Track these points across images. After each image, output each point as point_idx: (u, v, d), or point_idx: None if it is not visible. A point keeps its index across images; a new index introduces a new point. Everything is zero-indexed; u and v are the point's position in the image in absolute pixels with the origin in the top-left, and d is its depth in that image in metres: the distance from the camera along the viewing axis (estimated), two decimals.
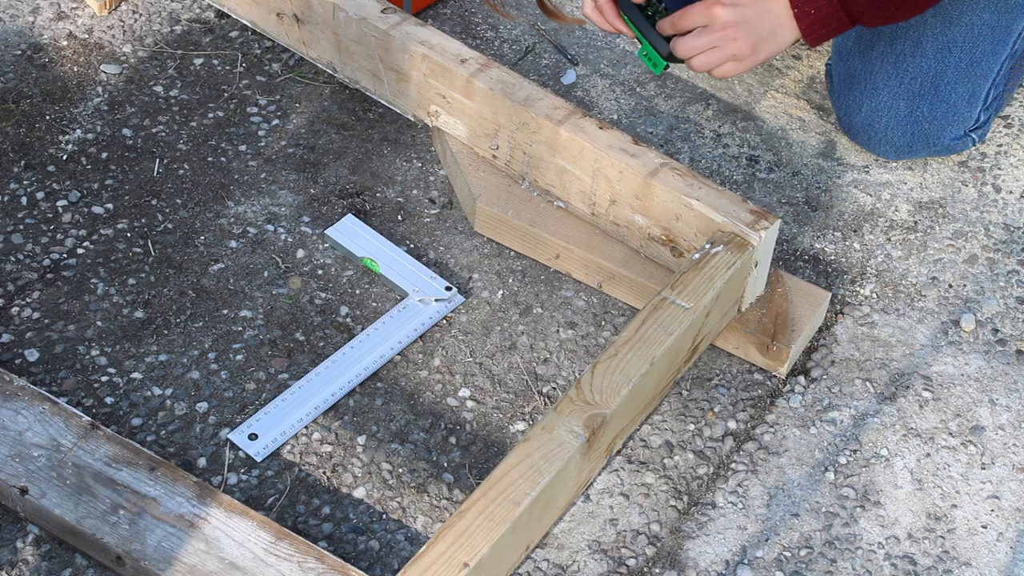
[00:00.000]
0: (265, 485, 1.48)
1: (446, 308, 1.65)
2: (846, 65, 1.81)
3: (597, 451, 1.45)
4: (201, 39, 1.95)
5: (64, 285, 1.65)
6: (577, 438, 1.39)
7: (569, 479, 1.42)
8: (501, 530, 1.32)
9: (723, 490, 1.52)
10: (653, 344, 1.47)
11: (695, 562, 1.45)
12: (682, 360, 1.55)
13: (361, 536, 1.45)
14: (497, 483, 1.35)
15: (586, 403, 1.41)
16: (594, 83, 1.94)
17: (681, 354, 1.53)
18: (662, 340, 1.47)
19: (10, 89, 1.86)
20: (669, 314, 1.49)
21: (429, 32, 1.76)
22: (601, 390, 1.42)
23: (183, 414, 1.53)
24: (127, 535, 1.36)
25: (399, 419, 1.55)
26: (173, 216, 1.73)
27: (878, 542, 1.48)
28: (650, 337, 1.47)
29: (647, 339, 1.47)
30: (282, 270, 1.69)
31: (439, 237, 1.74)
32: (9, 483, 1.40)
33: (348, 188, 1.78)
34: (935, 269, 1.75)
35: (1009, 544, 1.49)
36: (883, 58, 1.76)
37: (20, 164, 1.78)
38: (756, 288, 1.61)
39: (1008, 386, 1.63)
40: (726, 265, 1.53)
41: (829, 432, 1.58)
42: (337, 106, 1.88)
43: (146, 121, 1.84)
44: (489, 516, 1.33)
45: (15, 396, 1.46)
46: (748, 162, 1.86)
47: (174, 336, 1.61)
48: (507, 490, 1.35)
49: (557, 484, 1.39)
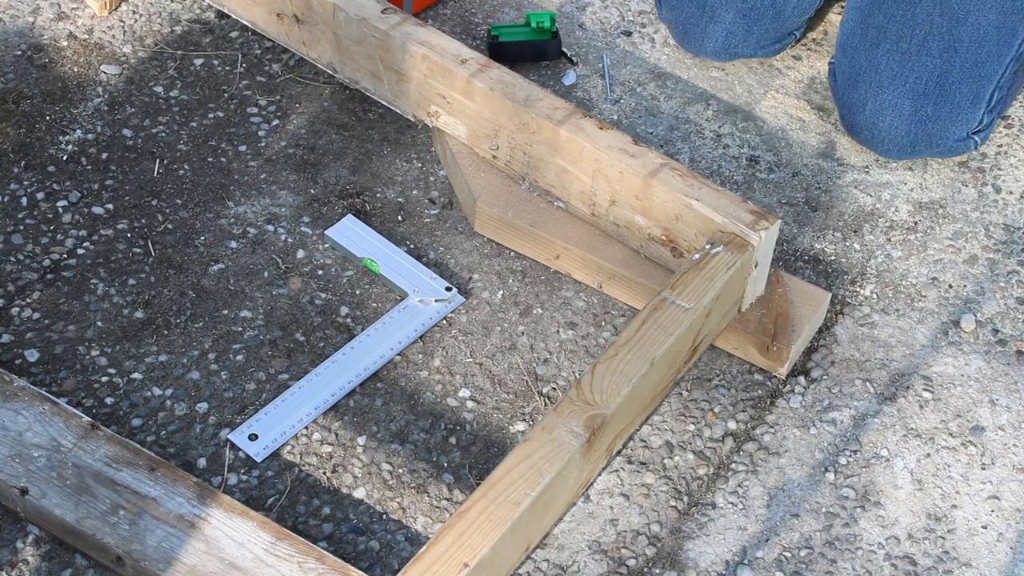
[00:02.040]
0: (265, 485, 1.48)
1: (446, 308, 1.65)
2: (850, 63, 1.81)
3: (597, 451, 1.45)
4: (201, 39, 1.95)
5: (64, 285, 1.65)
6: (577, 438, 1.39)
7: (569, 479, 1.42)
8: (501, 530, 1.32)
9: (723, 490, 1.52)
10: (653, 345, 1.47)
11: (695, 562, 1.45)
12: (682, 360, 1.55)
13: (361, 536, 1.45)
14: (497, 483, 1.35)
15: (586, 403, 1.41)
16: (594, 83, 1.94)
17: (681, 354, 1.53)
18: (662, 341, 1.47)
19: (10, 89, 1.86)
20: (669, 314, 1.49)
21: (429, 32, 1.76)
22: (601, 390, 1.42)
23: (183, 414, 1.53)
24: (127, 535, 1.36)
25: (399, 419, 1.55)
26: (173, 216, 1.73)
27: (878, 542, 1.48)
28: (650, 338, 1.47)
29: (647, 340, 1.47)
30: (282, 270, 1.69)
31: (439, 237, 1.74)
32: (9, 483, 1.39)
33: (348, 188, 1.78)
34: (935, 269, 1.75)
35: (1009, 544, 1.49)
36: (888, 56, 1.77)
37: (20, 164, 1.78)
38: (756, 288, 1.61)
39: (1008, 386, 1.63)
40: (726, 266, 1.53)
41: (829, 432, 1.57)
42: (337, 106, 1.88)
43: (146, 121, 1.84)
44: (489, 516, 1.33)
45: (15, 396, 1.46)
46: (748, 162, 1.86)
47: (174, 336, 1.61)
48: (507, 490, 1.35)
49: (557, 484, 1.39)
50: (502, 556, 1.35)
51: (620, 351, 1.46)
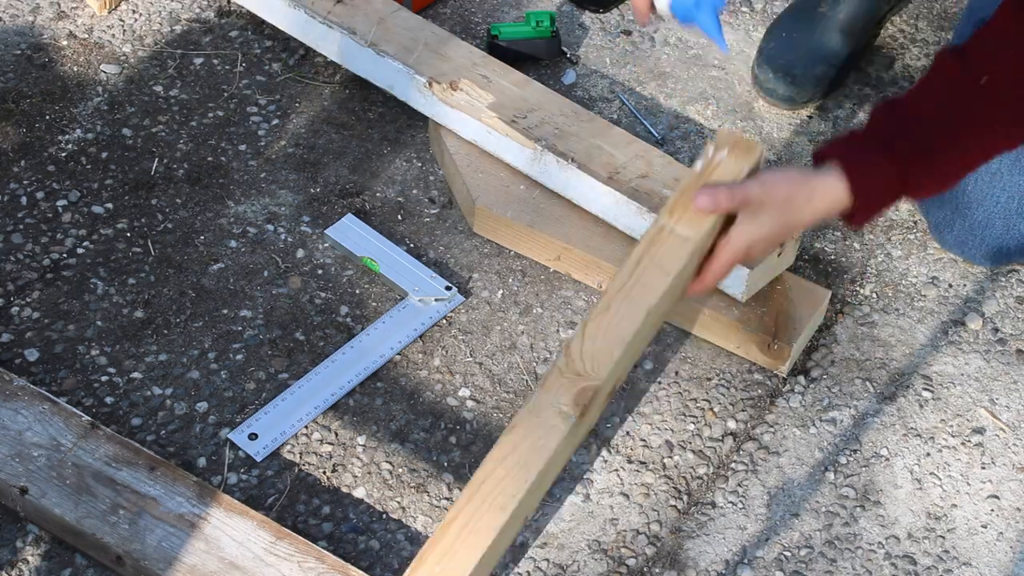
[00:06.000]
0: (265, 485, 1.48)
1: (446, 308, 1.65)
2: None
3: (587, 423, 1.34)
4: (201, 39, 1.95)
5: (64, 285, 1.65)
6: (567, 420, 1.27)
7: (559, 461, 1.32)
8: (488, 540, 1.25)
9: (723, 490, 1.52)
10: (649, 290, 1.29)
11: (695, 562, 1.45)
12: (680, 290, 1.37)
13: (361, 536, 1.45)
14: (482, 485, 1.26)
15: (576, 374, 1.28)
16: (594, 83, 1.94)
17: (680, 286, 1.36)
18: (659, 283, 1.29)
19: (10, 89, 1.86)
20: (667, 248, 1.31)
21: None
22: (592, 356, 1.28)
23: (183, 414, 1.53)
24: (127, 535, 1.36)
25: (399, 419, 1.55)
26: (173, 216, 1.73)
27: (878, 542, 1.48)
28: (645, 282, 1.29)
29: (642, 284, 1.29)
30: (282, 270, 1.69)
31: (439, 237, 1.74)
32: (9, 483, 1.39)
33: (348, 188, 1.78)
34: (935, 269, 1.75)
35: (1009, 544, 1.49)
36: (977, 177, 1.63)
37: (20, 164, 1.78)
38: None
39: (1008, 386, 1.63)
40: (733, 175, 1.33)
41: (829, 432, 1.58)
42: (337, 106, 1.88)
43: (146, 121, 1.84)
44: (474, 529, 1.25)
45: (15, 396, 1.46)
46: None
47: (174, 336, 1.61)
48: (493, 493, 1.26)
49: (547, 472, 1.30)
50: (492, 558, 1.30)
51: (612, 303, 1.30)
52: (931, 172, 1.32)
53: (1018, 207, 1.64)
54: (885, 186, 1.31)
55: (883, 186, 1.31)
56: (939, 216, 1.71)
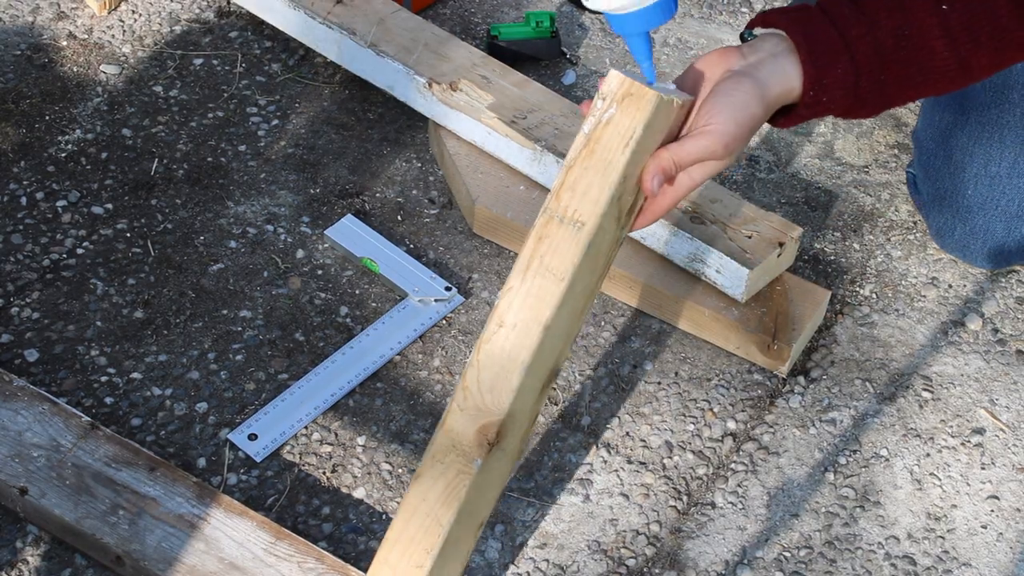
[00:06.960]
0: (265, 485, 1.48)
1: (446, 308, 1.65)
2: (935, 185, 1.71)
3: (509, 454, 1.21)
4: (201, 39, 1.96)
5: (64, 285, 1.65)
6: (471, 463, 1.13)
7: (481, 503, 1.21)
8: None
9: (723, 490, 1.52)
10: (541, 303, 1.10)
11: (695, 562, 1.45)
12: (601, 272, 1.17)
13: (361, 536, 1.45)
14: (394, 547, 1.18)
15: (477, 409, 1.13)
16: (594, 83, 1.94)
17: (591, 277, 1.15)
18: (552, 293, 1.10)
19: (10, 89, 1.86)
20: (557, 245, 1.09)
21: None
22: (491, 386, 1.12)
23: (183, 414, 1.53)
24: (127, 535, 1.36)
25: (399, 419, 1.55)
26: (173, 216, 1.73)
27: (878, 542, 1.48)
28: (537, 292, 1.10)
29: (534, 296, 1.10)
30: (282, 270, 1.69)
31: (439, 237, 1.74)
32: (9, 483, 1.39)
33: (348, 188, 1.78)
34: (935, 269, 1.75)
35: (1009, 544, 1.49)
36: (976, 181, 1.66)
37: (20, 164, 1.78)
38: None
39: (1008, 386, 1.63)
40: (625, 135, 1.07)
41: (829, 432, 1.58)
42: (337, 106, 1.88)
43: (146, 121, 1.84)
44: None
45: (15, 396, 1.46)
46: (748, 162, 1.86)
47: (174, 336, 1.61)
48: (407, 554, 1.18)
49: (467, 513, 1.17)
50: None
51: (505, 321, 1.12)
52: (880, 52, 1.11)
53: (1018, 210, 1.65)
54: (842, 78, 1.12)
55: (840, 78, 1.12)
56: (940, 221, 1.72)
